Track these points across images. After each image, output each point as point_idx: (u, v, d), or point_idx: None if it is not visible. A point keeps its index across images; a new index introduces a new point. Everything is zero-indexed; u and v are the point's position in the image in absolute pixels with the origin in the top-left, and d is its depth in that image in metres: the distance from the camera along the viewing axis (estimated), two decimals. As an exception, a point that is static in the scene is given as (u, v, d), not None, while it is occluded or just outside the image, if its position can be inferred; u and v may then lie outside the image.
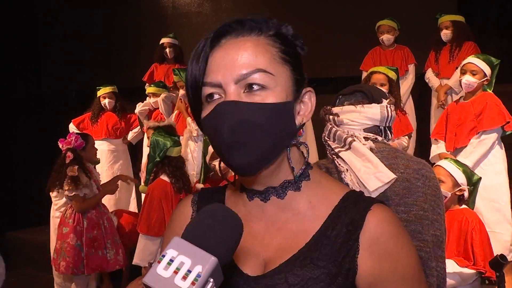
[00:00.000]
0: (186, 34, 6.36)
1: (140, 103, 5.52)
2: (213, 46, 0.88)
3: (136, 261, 3.42)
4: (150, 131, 3.79)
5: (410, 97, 5.31)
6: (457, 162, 3.05)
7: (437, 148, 3.98)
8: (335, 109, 1.83)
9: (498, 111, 3.65)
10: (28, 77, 7.26)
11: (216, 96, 0.87)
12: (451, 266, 2.76)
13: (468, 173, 2.98)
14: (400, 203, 1.67)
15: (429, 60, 5.23)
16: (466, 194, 2.93)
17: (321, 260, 0.87)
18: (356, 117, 1.78)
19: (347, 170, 1.67)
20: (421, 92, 5.48)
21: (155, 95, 5.39)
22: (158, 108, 5.42)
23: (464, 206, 2.97)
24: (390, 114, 1.82)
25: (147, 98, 5.51)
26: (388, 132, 1.86)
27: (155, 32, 6.47)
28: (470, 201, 3.00)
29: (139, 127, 5.56)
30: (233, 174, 1.00)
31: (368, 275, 0.87)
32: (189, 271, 0.71)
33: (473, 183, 2.97)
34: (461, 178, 2.92)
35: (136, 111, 5.48)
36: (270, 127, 0.85)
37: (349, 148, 1.70)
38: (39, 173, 4.81)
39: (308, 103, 0.93)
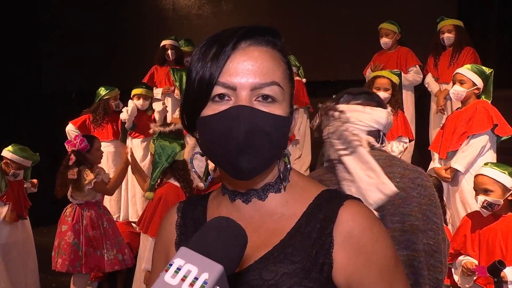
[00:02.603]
0: (187, 36, 6.37)
1: (126, 107, 5.37)
2: (233, 48, 0.88)
3: (146, 266, 3.27)
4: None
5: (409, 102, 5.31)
6: (500, 165, 2.91)
7: (433, 162, 4.01)
8: (341, 106, 1.77)
9: (487, 116, 3.65)
10: (28, 77, 7.26)
11: (226, 98, 0.87)
12: None
13: None
14: (395, 213, 1.66)
15: (428, 64, 5.24)
16: None
17: (295, 255, 0.89)
18: (364, 118, 1.76)
19: (348, 180, 1.64)
20: (420, 97, 5.49)
21: (146, 97, 5.39)
22: (144, 110, 5.41)
23: None
24: (391, 121, 1.84)
25: (130, 101, 5.40)
26: (385, 139, 1.86)
27: (156, 34, 6.49)
28: None
29: None
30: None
31: (344, 269, 0.89)
32: (196, 278, 0.72)
33: None
34: (509, 182, 2.78)
35: (124, 117, 5.32)
36: (275, 137, 0.88)
37: (354, 151, 1.67)
38: (39, 174, 4.82)
39: (293, 119, 0.97)
